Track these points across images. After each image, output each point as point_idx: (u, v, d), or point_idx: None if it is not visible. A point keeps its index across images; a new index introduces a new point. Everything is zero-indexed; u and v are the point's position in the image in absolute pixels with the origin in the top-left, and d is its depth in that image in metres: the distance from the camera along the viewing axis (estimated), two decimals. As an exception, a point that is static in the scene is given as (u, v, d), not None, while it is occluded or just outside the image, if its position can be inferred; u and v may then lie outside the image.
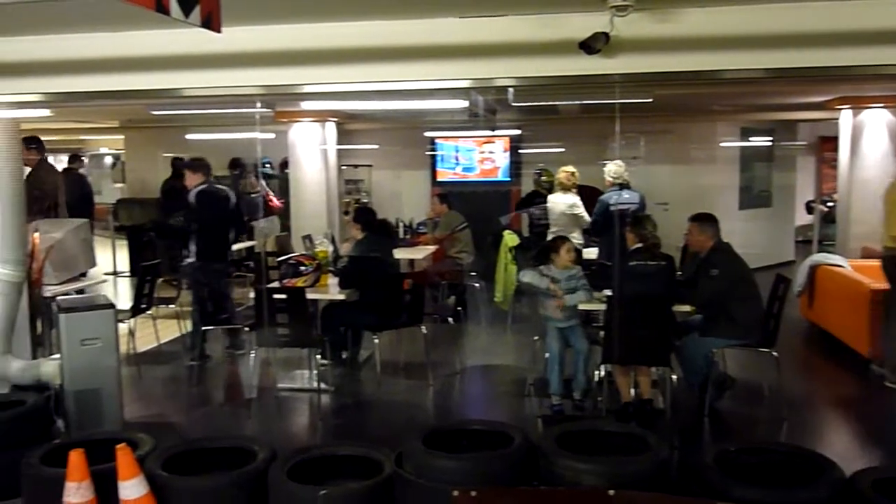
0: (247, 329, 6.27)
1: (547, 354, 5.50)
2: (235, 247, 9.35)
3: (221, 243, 6.88)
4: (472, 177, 11.87)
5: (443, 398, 6.18)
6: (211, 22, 2.66)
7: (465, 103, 7.66)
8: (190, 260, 6.69)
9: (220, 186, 6.98)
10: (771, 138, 12.08)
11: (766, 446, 4.12)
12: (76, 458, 3.69)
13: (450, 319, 7.42)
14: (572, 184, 7.67)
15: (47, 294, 5.80)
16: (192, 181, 6.72)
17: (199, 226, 6.64)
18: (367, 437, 4.74)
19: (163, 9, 2.44)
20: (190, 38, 4.34)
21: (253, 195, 10.89)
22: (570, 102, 8.37)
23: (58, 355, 4.89)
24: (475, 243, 8.77)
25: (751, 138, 11.79)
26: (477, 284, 8.74)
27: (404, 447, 3.81)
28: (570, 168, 7.77)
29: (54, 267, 5.99)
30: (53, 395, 4.76)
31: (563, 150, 10.59)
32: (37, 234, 5.53)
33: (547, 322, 5.51)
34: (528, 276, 5.55)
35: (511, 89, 5.99)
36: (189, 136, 11.01)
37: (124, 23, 4.28)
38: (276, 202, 10.95)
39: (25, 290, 5.19)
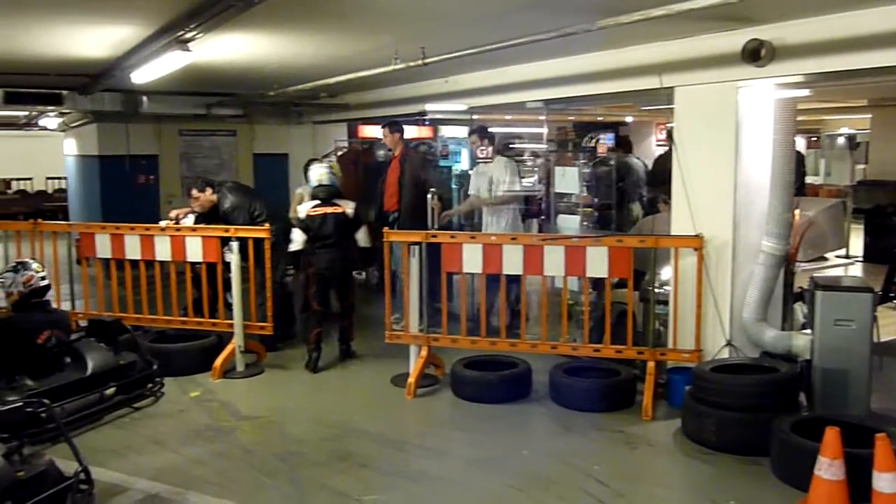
0: None
1: None
2: None
3: None
4: None
5: None
6: None
7: None
8: None
9: None
10: None
11: None
12: (832, 435, 3.71)
13: None
14: None
15: (796, 270, 5.96)
16: None
17: None
18: None
19: None
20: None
21: None
22: None
23: (809, 331, 5.00)
24: None
25: None
26: None
27: None
28: None
29: (806, 244, 6.12)
30: (801, 368, 4.90)
31: None
32: (797, 212, 5.70)
33: None
34: None
35: None
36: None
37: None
38: None
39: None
